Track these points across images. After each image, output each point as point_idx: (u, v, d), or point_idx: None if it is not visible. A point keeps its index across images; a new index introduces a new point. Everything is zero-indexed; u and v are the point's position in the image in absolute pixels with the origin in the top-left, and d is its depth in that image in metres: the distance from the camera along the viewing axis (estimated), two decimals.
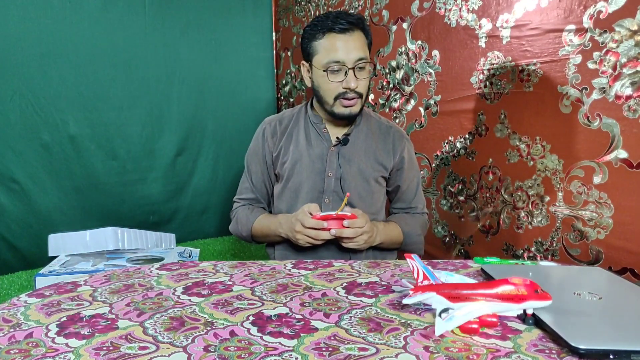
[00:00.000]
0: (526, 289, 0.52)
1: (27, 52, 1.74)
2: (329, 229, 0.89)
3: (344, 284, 0.68)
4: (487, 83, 1.24)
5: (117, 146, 2.02)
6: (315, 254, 0.99)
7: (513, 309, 0.53)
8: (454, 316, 0.51)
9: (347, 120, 1.02)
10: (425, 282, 0.57)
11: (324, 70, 0.94)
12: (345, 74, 0.93)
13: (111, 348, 0.48)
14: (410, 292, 0.56)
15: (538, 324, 0.54)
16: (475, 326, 0.51)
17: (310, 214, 0.90)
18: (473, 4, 1.26)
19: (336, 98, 0.96)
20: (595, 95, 0.96)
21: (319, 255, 0.99)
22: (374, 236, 0.96)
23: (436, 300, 0.54)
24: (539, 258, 1.13)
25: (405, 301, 0.56)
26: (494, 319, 0.52)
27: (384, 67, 1.66)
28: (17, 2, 1.70)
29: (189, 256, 1.67)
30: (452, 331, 0.52)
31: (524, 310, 0.53)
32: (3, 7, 1.68)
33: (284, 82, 2.53)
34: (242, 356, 0.46)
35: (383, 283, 0.69)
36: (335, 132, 1.04)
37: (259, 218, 1.06)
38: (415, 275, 0.58)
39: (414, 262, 0.59)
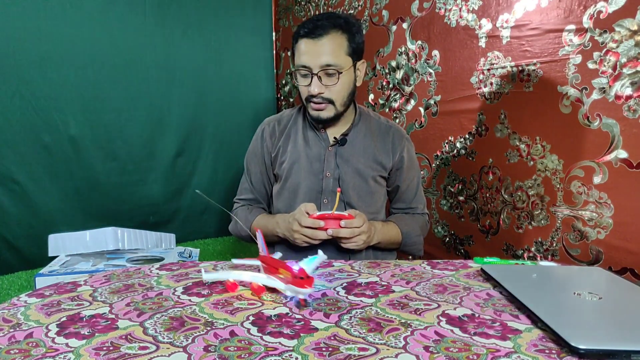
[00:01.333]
0: (291, 274, 0.59)
1: (27, 53, 1.75)
2: (326, 229, 0.89)
3: (344, 284, 0.68)
4: (487, 83, 1.24)
5: (117, 147, 2.02)
6: (314, 254, 0.99)
7: (280, 287, 0.62)
8: (220, 272, 0.70)
9: (322, 124, 1.01)
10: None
11: (296, 72, 0.95)
12: (311, 79, 0.93)
13: (111, 348, 0.48)
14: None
15: (538, 324, 0.54)
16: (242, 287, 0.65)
17: (307, 213, 0.90)
18: (473, 4, 1.26)
19: (307, 100, 0.97)
20: (595, 95, 0.96)
21: None
22: (371, 236, 0.96)
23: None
24: (539, 258, 1.13)
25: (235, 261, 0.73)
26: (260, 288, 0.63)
27: (383, 67, 1.66)
28: (17, 3, 1.71)
29: (189, 256, 1.68)
30: (451, 331, 0.52)
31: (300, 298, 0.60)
32: (3, 8, 1.68)
33: (283, 82, 2.53)
34: (242, 356, 0.46)
35: (383, 283, 0.69)
36: (333, 132, 1.04)
37: (258, 218, 1.06)
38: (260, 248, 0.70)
39: (259, 238, 0.70)
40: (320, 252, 0.68)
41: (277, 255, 0.78)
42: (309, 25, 0.92)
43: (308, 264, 0.66)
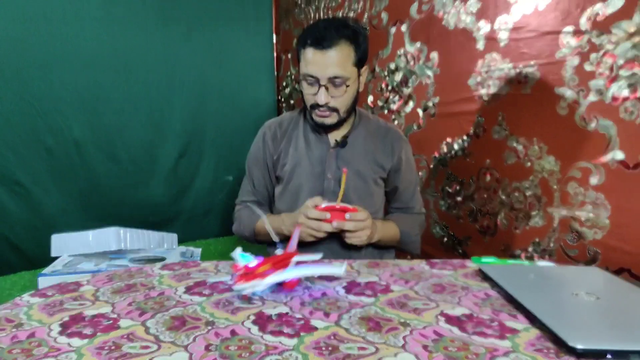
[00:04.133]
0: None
1: (29, 57, 1.75)
2: (331, 221, 0.90)
3: (344, 284, 0.69)
4: (485, 85, 1.24)
5: (119, 149, 2.02)
6: (318, 250, 0.99)
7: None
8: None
9: (325, 129, 1.01)
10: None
11: (302, 80, 0.96)
12: (318, 89, 0.93)
13: (113, 347, 0.48)
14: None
15: (535, 324, 0.54)
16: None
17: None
18: (471, 6, 1.27)
19: (312, 107, 0.97)
20: (592, 97, 0.97)
21: None
22: (373, 232, 0.96)
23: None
24: (536, 258, 1.13)
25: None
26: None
27: (382, 70, 1.67)
28: (19, 6, 1.71)
29: (191, 256, 1.68)
30: (450, 331, 0.53)
31: None
32: (4, 11, 1.69)
33: (284, 84, 2.54)
34: (243, 355, 0.47)
35: (382, 283, 0.69)
36: (334, 135, 1.05)
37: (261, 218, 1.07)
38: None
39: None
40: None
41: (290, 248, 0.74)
42: (316, 33, 0.91)
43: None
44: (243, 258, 0.63)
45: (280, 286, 0.65)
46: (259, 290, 0.62)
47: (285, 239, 1.03)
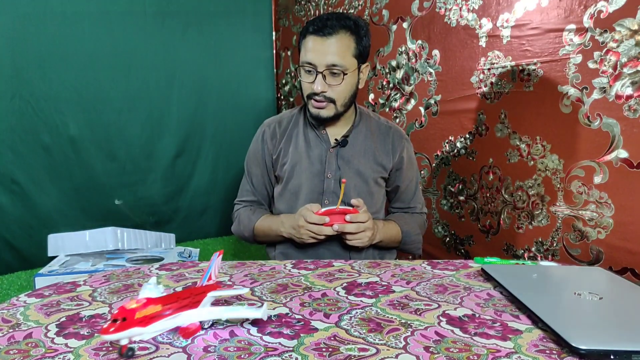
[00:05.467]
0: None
1: (27, 54, 1.75)
2: (332, 224, 0.89)
3: (344, 284, 0.68)
4: (488, 83, 1.24)
5: (117, 147, 2.02)
6: (315, 254, 0.99)
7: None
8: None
9: (321, 122, 1.01)
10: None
11: (301, 68, 0.95)
12: (316, 76, 0.93)
13: (110, 348, 0.48)
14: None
15: (538, 324, 0.54)
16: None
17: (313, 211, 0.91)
18: (473, 3, 1.26)
19: (308, 97, 0.97)
20: (595, 95, 0.96)
21: (319, 255, 0.99)
22: (375, 233, 0.96)
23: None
24: (539, 258, 1.12)
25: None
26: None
27: (384, 67, 1.66)
28: (17, 3, 1.70)
29: (189, 256, 1.68)
30: (452, 332, 0.52)
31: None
32: (3, 9, 1.68)
33: (284, 81, 2.53)
34: (242, 356, 0.46)
35: (383, 283, 0.69)
36: (334, 134, 1.04)
37: (261, 219, 1.06)
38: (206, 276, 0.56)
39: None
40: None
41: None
42: (318, 23, 0.92)
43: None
44: (149, 291, 0.47)
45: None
46: (144, 338, 0.47)
47: (284, 241, 1.02)
